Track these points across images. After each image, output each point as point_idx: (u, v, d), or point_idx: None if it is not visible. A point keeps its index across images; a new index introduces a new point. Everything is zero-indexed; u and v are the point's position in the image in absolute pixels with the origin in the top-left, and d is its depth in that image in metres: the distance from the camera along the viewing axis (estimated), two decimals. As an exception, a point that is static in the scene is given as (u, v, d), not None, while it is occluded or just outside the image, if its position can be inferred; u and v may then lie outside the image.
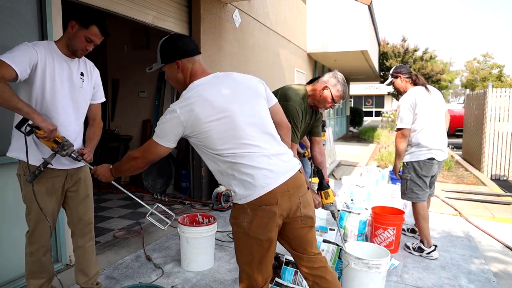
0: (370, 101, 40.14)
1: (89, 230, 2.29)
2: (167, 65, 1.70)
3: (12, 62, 1.80)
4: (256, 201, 1.57)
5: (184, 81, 1.70)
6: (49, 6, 2.68)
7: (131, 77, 6.01)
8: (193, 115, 1.55)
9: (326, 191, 2.47)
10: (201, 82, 1.65)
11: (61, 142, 1.95)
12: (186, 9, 4.74)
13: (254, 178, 1.56)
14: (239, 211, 1.63)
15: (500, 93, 7.43)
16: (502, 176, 7.44)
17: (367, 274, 2.31)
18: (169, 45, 1.69)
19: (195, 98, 1.58)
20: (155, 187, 5.45)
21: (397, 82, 3.42)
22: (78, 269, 2.30)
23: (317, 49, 10.25)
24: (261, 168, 1.57)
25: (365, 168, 5.20)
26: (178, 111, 1.56)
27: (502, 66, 27.95)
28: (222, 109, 1.58)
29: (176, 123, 1.57)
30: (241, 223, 1.63)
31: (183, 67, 1.68)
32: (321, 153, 2.80)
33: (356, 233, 3.33)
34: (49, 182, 2.05)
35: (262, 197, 1.56)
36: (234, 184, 1.62)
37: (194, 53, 1.70)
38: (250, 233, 1.60)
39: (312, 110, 2.64)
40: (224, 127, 1.57)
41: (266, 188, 1.56)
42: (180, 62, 1.67)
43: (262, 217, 1.58)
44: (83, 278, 2.30)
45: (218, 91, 1.62)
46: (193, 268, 2.93)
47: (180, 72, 1.69)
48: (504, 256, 3.38)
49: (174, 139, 1.61)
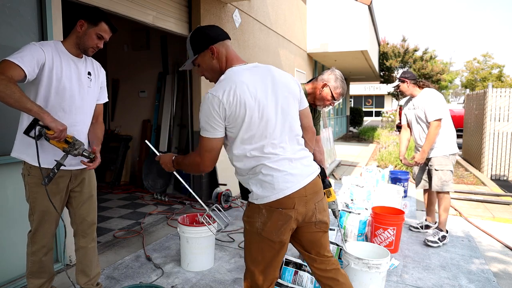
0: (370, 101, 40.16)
1: (92, 231, 2.28)
2: (200, 55, 1.64)
3: (20, 63, 1.80)
4: (273, 203, 1.54)
5: (221, 68, 1.63)
6: (49, 6, 2.68)
7: (131, 77, 6.01)
8: (235, 99, 1.49)
9: (328, 189, 2.48)
10: (242, 68, 1.60)
11: (72, 141, 1.92)
12: (186, 9, 4.74)
13: (274, 180, 1.53)
14: (254, 210, 1.60)
15: (500, 93, 7.43)
16: (502, 176, 7.44)
17: (367, 274, 2.31)
18: (199, 34, 1.64)
19: (238, 84, 1.51)
20: (155, 187, 5.45)
21: (403, 86, 3.73)
22: (79, 269, 2.30)
23: (317, 49, 10.25)
24: (282, 170, 1.55)
25: (365, 168, 5.20)
26: (220, 94, 1.49)
27: (502, 66, 27.97)
28: (259, 102, 1.53)
29: (218, 108, 1.49)
30: (254, 222, 1.60)
31: (218, 52, 1.62)
32: (321, 151, 2.81)
33: (356, 233, 3.33)
34: (53, 182, 2.04)
35: (280, 200, 1.54)
36: (252, 182, 1.59)
37: (225, 37, 1.66)
38: (263, 233, 1.58)
39: (312, 109, 2.64)
40: (256, 122, 1.53)
41: (285, 191, 1.54)
42: (214, 47, 1.61)
43: (277, 220, 1.56)
44: (83, 278, 2.30)
45: (258, 82, 1.56)
46: (193, 268, 2.93)
47: (215, 59, 1.62)
48: (504, 256, 3.38)
49: (221, 125, 1.53)
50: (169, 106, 5.64)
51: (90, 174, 2.24)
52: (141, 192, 5.47)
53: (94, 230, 2.29)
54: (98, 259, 2.39)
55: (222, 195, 4.60)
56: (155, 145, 5.74)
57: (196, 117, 4.92)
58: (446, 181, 3.54)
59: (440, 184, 3.55)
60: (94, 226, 2.29)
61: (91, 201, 2.25)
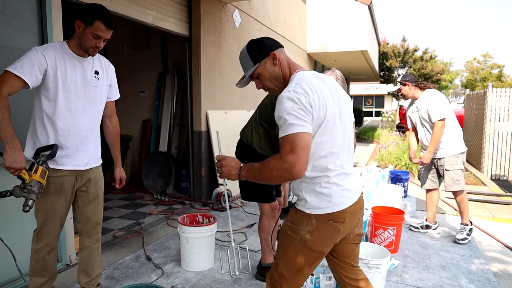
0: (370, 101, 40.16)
1: (97, 231, 2.28)
2: (261, 64, 1.57)
3: (20, 73, 1.82)
4: (326, 216, 1.52)
5: (284, 75, 1.58)
6: (49, 6, 2.68)
7: (131, 77, 6.01)
8: (318, 98, 1.44)
9: None
10: (309, 74, 1.54)
11: (25, 184, 1.80)
12: (186, 9, 4.74)
13: (332, 193, 1.51)
14: (302, 218, 1.55)
15: (500, 93, 7.43)
16: (502, 176, 7.43)
17: (367, 274, 2.30)
18: (256, 44, 1.60)
19: (314, 85, 1.47)
20: (155, 187, 5.45)
21: (404, 89, 3.78)
22: (82, 268, 2.30)
23: (317, 49, 10.25)
24: (340, 185, 1.53)
25: (365, 168, 5.20)
26: (303, 91, 1.42)
27: (502, 66, 27.96)
28: (330, 111, 1.47)
29: (306, 103, 1.41)
30: (299, 230, 1.55)
31: (279, 59, 1.57)
32: None
33: (356, 233, 3.32)
34: (58, 181, 2.04)
35: (333, 213, 1.52)
36: (306, 191, 1.54)
37: (279, 45, 1.62)
38: (307, 242, 1.54)
39: None
40: (329, 128, 1.48)
41: (339, 206, 1.52)
42: (275, 53, 1.56)
43: (326, 232, 1.54)
44: (85, 278, 2.30)
45: (326, 89, 1.51)
46: (193, 268, 2.93)
47: (278, 65, 1.57)
48: (504, 256, 3.38)
49: (310, 120, 1.42)
50: (169, 106, 5.64)
51: (97, 174, 2.24)
52: (141, 192, 5.48)
53: (99, 230, 2.29)
54: (101, 260, 2.39)
55: (222, 195, 4.60)
56: (155, 145, 5.74)
57: (197, 117, 4.93)
58: (457, 180, 3.58)
59: (452, 183, 3.60)
60: (99, 226, 2.29)
61: (96, 201, 2.24)
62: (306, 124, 1.40)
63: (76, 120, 2.04)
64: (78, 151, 2.09)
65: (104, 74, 2.18)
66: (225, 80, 5.45)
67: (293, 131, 1.39)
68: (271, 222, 2.71)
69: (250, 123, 2.76)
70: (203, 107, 4.92)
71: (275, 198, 2.73)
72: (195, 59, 4.85)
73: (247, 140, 2.71)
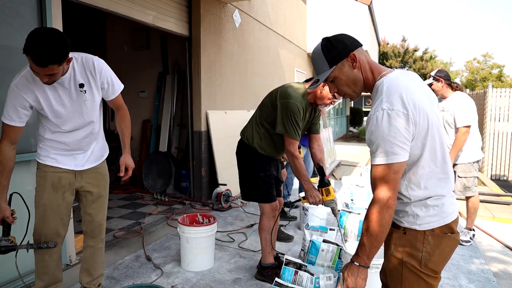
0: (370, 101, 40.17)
1: (100, 231, 2.28)
2: (338, 67, 1.37)
3: (10, 121, 1.88)
4: (441, 228, 1.32)
5: (366, 79, 1.37)
6: (49, 6, 2.68)
7: (131, 77, 6.00)
8: (417, 109, 1.23)
9: (327, 188, 2.48)
10: (397, 75, 1.33)
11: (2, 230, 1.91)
12: (186, 9, 4.74)
13: (444, 203, 1.33)
14: (416, 238, 1.33)
15: (500, 93, 7.43)
16: (502, 176, 7.44)
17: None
18: (333, 43, 1.40)
19: (408, 91, 1.25)
20: (155, 187, 5.46)
21: (436, 85, 3.60)
22: (84, 268, 2.30)
23: (317, 49, 10.24)
24: (446, 193, 1.35)
25: (365, 168, 5.20)
26: (400, 106, 1.21)
27: (502, 66, 27.98)
28: (429, 119, 1.27)
29: (406, 124, 1.22)
30: (417, 253, 1.33)
31: (360, 60, 1.36)
32: (321, 150, 2.81)
33: (356, 233, 3.33)
34: (55, 176, 2.06)
35: (449, 224, 1.34)
36: (417, 205, 1.33)
37: (360, 44, 1.41)
38: (429, 264, 1.32)
39: (312, 108, 2.65)
40: (432, 143, 1.29)
41: (453, 215, 1.35)
42: (354, 55, 1.35)
43: (446, 247, 1.34)
44: (86, 278, 2.29)
45: (423, 94, 1.32)
46: (193, 268, 2.93)
47: (357, 68, 1.36)
48: (504, 256, 3.38)
49: (409, 144, 1.25)
50: (169, 106, 5.64)
51: (98, 174, 2.24)
52: (141, 192, 5.48)
53: (102, 230, 2.29)
54: (104, 261, 2.39)
55: (222, 195, 4.60)
56: (155, 145, 5.74)
57: (197, 117, 4.92)
58: (468, 187, 3.56)
59: (463, 190, 3.58)
60: (102, 226, 2.29)
61: (100, 202, 2.25)
62: (402, 152, 1.23)
63: (73, 134, 2.06)
64: (76, 154, 2.12)
65: (92, 82, 2.00)
66: (225, 80, 5.45)
67: (389, 161, 1.23)
68: (271, 222, 2.71)
69: (251, 123, 2.76)
70: (203, 107, 4.92)
71: (275, 198, 2.73)
72: (195, 59, 4.85)
73: (248, 140, 2.71)
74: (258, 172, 2.67)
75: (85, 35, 6.49)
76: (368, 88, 1.39)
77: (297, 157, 2.52)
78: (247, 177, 2.73)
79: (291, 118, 2.46)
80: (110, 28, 6.15)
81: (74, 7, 3.26)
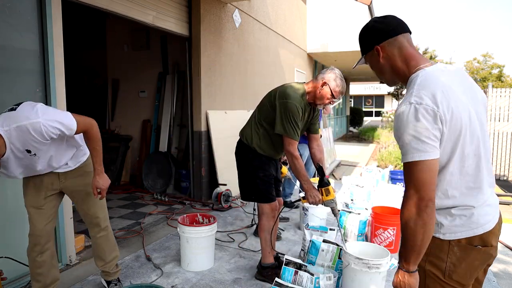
0: (370, 101, 40.16)
1: (97, 223, 2.36)
2: (368, 55, 1.40)
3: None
4: (469, 240, 1.24)
5: (397, 71, 1.34)
6: (49, 6, 2.68)
7: (131, 77, 6.01)
8: (449, 109, 1.16)
9: (327, 188, 2.48)
10: (435, 69, 1.25)
11: None
12: (186, 9, 4.74)
13: (474, 213, 1.24)
14: (440, 248, 1.27)
15: (500, 93, 7.43)
16: (502, 176, 7.44)
17: (367, 274, 2.31)
18: (364, 32, 1.40)
19: (443, 88, 1.18)
20: (155, 187, 5.45)
21: None
22: (96, 254, 2.45)
23: (317, 49, 10.25)
24: (476, 204, 1.25)
25: (365, 168, 5.21)
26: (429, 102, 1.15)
27: (502, 66, 27.96)
28: (463, 124, 1.19)
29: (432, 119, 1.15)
30: (441, 264, 1.27)
31: (385, 52, 1.33)
32: (320, 150, 2.81)
33: (356, 233, 3.33)
34: (37, 178, 2.10)
35: (480, 235, 1.25)
36: (441, 212, 1.26)
37: (396, 33, 1.31)
38: (454, 276, 1.25)
39: (311, 108, 2.65)
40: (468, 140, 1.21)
41: (485, 226, 1.25)
42: (379, 47, 1.33)
43: (474, 260, 1.26)
44: (100, 262, 2.44)
45: (460, 90, 1.23)
46: (193, 268, 2.93)
47: (383, 59, 1.34)
48: (504, 256, 3.38)
49: (438, 140, 1.17)
50: (169, 106, 5.64)
51: (84, 172, 2.26)
52: (141, 192, 5.47)
53: (98, 222, 2.37)
54: (114, 244, 2.49)
55: (222, 195, 4.60)
56: (155, 145, 5.74)
57: (197, 117, 4.92)
58: None
59: None
60: (99, 219, 2.36)
61: (89, 198, 2.29)
62: (431, 149, 1.16)
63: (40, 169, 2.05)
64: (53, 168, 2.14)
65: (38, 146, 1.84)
66: (225, 80, 5.45)
67: (417, 158, 1.16)
68: (271, 222, 2.71)
69: (250, 123, 2.76)
70: (203, 107, 4.92)
71: (274, 198, 2.73)
72: (195, 59, 4.85)
73: (247, 140, 2.70)
74: (257, 172, 2.67)
75: (85, 35, 6.50)
76: (402, 80, 1.35)
77: (296, 157, 2.52)
78: (246, 177, 2.73)
79: (290, 118, 2.46)
80: (110, 28, 6.15)
81: (74, 7, 3.26)
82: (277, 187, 2.87)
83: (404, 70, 1.32)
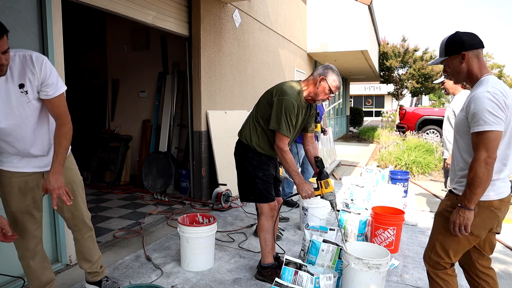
0: (370, 101, 40.14)
1: (84, 224, 2.31)
2: (450, 57, 1.83)
3: None
4: (488, 203, 1.75)
5: (470, 75, 1.80)
6: (49, 6, 2.68)
7: (131, 77, 6.01)
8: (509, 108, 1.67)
9: (326, 180, 2.50)
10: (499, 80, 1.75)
11: None
12: (186, 9, 4.74)
13: (496, 184, 1.74)
14: None
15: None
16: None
17: (367, 274, 2.31)
18: (453, 39, 1.81)
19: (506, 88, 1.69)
20: (155, 187, 5.45)
21: (448, 83, 3.73)
22: (81, 257, 2.38)
23: (317, 49, 10.25)
24: (504, 175, 1.76)
25: (365, 168, 5.20)
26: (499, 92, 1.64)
27: (502, 66, 27.96)
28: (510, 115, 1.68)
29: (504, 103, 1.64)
30: None
31: (469, 59, 1.78)
32: (314, 147, 2.84)
33: (356, 233, 3.33)
34: (22, 181, 2.00)
35: (494, 201, 1.75)
36: None
37: (479, 46, 1.79)
38: None
39: (307, 105, 2.66)
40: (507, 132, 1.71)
41: (500, 195, 1.76)
42: (466, 54, 1.77)
43: (486, 217, 1.77)
44: (86, 264, 2.38)
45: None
46: (193, 268, 2.93)
47: (464, 63, 1.79)
48: (504, 256, 3.38)
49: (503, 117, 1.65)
50: (169, 106, 5.64)
51: (67, 169, 2.13)
52: (141, 192, 5.47)
53: (84, 223, 2.30)
54: (97, 247, 2.44)
55: (222, 195, 4.60)
56: (155, 145, 5.74)
57: (197, 117, 4.92)
58: None
59: None
60: (82, 219, 2.28)
61: (75, 198, 2.18)
62: (502, 123, 1.63)
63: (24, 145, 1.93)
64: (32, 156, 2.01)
65: (32, 81, 1.82)
66: (225, 80, 5.45)
67: (489, 129, 1.62)
68: (270, 222, 2.71)
69: (248, 122, 2.76)
70: (203, 107, 4.92)
71: (274, 198, 2.73)
72: (195, 59, 4.85)
73: (246, 139, 2.71)
74: (257, 172, 2.67)
75: (85, 35, 6.50)
76: (471, 80, 1.81)
77: (285, 151, 2.53)
78: (245, 177, 2.73)
79: (285, 115, 2.47)
80: (110, 28, 6.15)
81: (74, 7, 3.26)
82: (276, 187, 2.88)
83: (477, 74, 1.79)
